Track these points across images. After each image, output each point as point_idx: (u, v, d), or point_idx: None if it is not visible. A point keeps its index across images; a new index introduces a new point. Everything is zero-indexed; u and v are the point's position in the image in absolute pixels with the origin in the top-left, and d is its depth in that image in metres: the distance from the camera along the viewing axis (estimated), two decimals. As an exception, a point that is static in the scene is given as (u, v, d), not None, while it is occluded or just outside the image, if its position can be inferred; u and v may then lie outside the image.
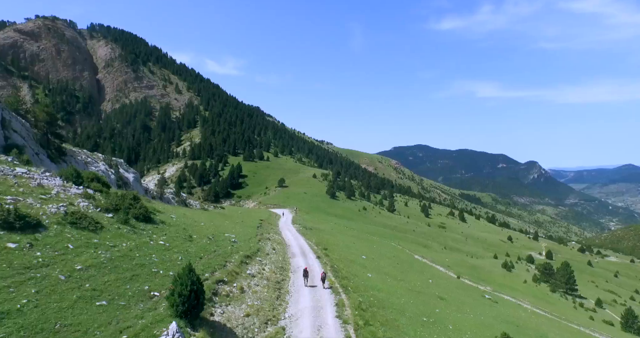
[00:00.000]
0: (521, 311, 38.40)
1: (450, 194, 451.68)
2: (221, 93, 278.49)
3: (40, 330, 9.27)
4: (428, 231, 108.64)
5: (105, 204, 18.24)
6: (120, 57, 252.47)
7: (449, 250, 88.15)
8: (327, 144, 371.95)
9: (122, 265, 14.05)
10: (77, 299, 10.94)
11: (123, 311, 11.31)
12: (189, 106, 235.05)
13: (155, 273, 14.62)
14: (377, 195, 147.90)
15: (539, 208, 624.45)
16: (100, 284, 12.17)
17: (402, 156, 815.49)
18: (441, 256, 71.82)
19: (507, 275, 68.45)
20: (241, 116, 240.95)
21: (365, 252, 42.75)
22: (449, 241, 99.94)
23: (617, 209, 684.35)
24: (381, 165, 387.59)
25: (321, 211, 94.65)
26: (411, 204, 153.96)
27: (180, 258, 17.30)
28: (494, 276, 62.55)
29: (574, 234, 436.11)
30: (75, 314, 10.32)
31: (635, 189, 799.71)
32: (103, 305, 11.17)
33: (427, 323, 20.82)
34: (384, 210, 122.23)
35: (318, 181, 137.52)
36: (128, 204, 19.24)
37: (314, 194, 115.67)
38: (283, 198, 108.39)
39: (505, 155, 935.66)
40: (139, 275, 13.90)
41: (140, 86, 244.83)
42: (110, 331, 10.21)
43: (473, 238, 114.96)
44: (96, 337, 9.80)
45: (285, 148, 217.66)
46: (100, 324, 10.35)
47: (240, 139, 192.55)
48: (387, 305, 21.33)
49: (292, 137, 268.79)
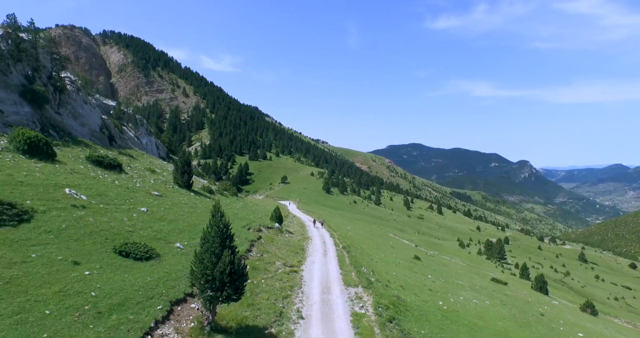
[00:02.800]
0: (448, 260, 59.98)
1: (442, 192, 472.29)
2: (224, 96, 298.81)
3: (192, 225, 30.62)
4: (407, 220, 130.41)
5: (220, 187, 39.63)
6: (132, 63, 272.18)
7: (420, 234, 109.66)
8: (322, 143, 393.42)
9: (239, 208, 35.47)
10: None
11: (251, 218, 32.63)
12: (196, 109, 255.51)
13: (254, 211, 36.07)
14: (367, 191, 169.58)
15: (528, 207, 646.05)
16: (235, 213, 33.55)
17: (396, 154, 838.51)
18: (411, 237, 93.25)
19: (458, 249, 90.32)
20: (244, 118, 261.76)
21: (350, 226, 64.30)
22: (423, 229, 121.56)
23: (604, 208, 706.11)
24: (375, 164, 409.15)
25: (318, 204, 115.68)
26: (396, 199, 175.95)
27: (254, 210, 38.72)
28: (446, 249, 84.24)
29: (559, 231, 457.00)
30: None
31: (622, 188, 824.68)
32: (242, 218, 32.50)
33: (378, 251, 42.24)
34: (371, 203, 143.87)
35: (315, 178, 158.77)
36: (228, 187, 40.64)
37: (312, 190, 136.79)
38: (286, 193, 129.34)
39: (498, 154, 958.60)
40: (249, 211, 35.30)
41: (151, 90, 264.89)
42: (244, 226, 31.56)
43: (445, 227, 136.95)
44: (239, 222, 31.12)
45: (285, 148, 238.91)
46: (238, 225, 31.71)
47: (245, 140, 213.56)
48: (356, 241, 42.74)
49: (290, 138, 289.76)
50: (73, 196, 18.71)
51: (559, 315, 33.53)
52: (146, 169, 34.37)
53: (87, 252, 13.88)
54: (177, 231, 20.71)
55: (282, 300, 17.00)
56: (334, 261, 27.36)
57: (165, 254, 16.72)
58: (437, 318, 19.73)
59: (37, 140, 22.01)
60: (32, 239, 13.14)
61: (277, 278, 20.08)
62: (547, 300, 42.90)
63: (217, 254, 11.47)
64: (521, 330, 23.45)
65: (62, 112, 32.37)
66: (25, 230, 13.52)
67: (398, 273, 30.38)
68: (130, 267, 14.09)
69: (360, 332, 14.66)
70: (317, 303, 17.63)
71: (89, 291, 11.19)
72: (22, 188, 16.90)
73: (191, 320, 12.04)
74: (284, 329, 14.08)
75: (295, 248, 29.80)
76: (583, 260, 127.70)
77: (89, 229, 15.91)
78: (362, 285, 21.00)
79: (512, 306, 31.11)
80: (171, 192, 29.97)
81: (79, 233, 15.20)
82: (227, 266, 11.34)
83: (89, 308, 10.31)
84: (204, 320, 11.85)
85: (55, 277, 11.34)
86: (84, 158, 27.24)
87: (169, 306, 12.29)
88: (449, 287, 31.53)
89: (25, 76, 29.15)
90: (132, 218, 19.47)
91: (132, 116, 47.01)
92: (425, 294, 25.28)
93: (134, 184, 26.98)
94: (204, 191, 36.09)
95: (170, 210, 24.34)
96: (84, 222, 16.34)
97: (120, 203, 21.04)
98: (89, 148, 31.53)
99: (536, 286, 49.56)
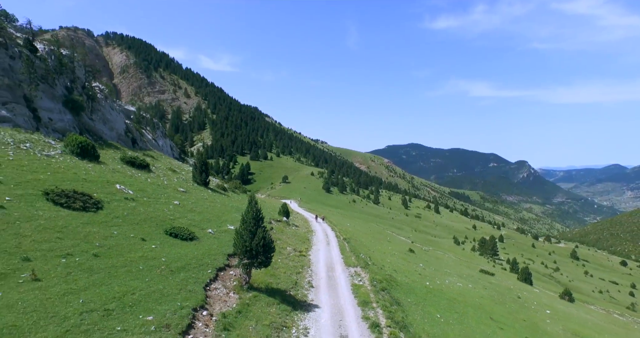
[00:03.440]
0: (442, 254, 64.15)
1: (440, 192, 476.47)
2: (225, 97, 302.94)
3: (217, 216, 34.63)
4: (405, 219, 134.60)
5: (231, 185, 43.74)
6: (135, 64, 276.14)
7: (417, 232, 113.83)
8: (322, 144, 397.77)
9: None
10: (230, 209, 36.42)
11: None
12: (198, 110, 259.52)
13: (263, 207, 40.22)
14: (366, 190, 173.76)
15: (526, 206, 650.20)
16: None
17: (395, 154, 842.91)
18: (408, 234, 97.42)
19: (453, 246, 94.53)
20: (245, 119, 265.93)
21: (349, 223, 68.42)
22: (420, 227, 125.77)
23: (602, 208, 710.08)
24: (374, 164, 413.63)
25: (319, 203, 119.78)
26: (394, 198, 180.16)
27: (263, 206, 42.82)
28: (441, 246, 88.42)
29: (557, 231, 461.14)
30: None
31: (620, 188, 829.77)
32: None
33: (375, 244, 46.34)
34: (370, 202, 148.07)
35: (315, 178, 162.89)
36: (238, 186, 44.75)
37: (312, 189, 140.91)
38: (287, 192, 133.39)
39: (497, 154, 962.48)
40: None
41: (153, 91, 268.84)
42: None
43: (442, 225, 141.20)
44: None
45: (285, 148, 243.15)
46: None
47: (246, 141, 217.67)
48: (355, 235, 46.84)
49: (290, 138, 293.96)
50: (123, 191, 22.84)
51: (535, 299, 37.71)
52: (168, 169, 38.47)
53: (147, 233, 18.01)
54: (206, 221, 24.83)
55: (296, 275, 21.13)
56: (336, 249, 31.50)
57: (201, 237, 20.85)
58: (422, 292, 23.89)
59: (87, 144, 26.11)
60: (109, 221, 17.28)
61: (290, 259, 24.21)
62: (530, 289, 47.06)
63: (253, 231, 15.60)
64: (496, 306, 27.62)
65: (94, 118, 36.47)
66: (102, 215, 17.66)
67: (392, 261, 34.50)
68: (180, 245, 18.21)
69: (359, 296, 18.78)
70: (324, 278, 21.78)
71: (160, 258, 15.33)
72: (87, 183, 21.03)
73: (233, 281, 16.18)
74: (299, 293, 18.21)
75: (302, 238, 33.92)
76: (575, 258, 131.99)
77: (142, 216, 20.02)
78: (360, 266, 25.15)
79: (493, 290, 35.25)
80: (193, 189, 34.09)
81: (137, 219, 19.33)
82: (260, 240, 15.48)
83: (164, 268, 14.44)
84: (242, 281, 15.98)
85: (135, 247, 15.49)
86: (119, 159, 31.35)
87: (215, 271, 16.41)
88: (437, 274, 35.67)
89: (66, 87, 33.27)
90: (170, 209, 23.60)
91: (150, 120, 51.11)
92: (414, 277, 29.41)
93: (162, 182, 31.09)
94: (219, 189, 40.18)
95: (197, 204, 28.45)
96: (137, 211, 20.46)
97: (157, 197, 25.15)
98: (118, 150, 35.63)
99: (521, 278, 53.77)
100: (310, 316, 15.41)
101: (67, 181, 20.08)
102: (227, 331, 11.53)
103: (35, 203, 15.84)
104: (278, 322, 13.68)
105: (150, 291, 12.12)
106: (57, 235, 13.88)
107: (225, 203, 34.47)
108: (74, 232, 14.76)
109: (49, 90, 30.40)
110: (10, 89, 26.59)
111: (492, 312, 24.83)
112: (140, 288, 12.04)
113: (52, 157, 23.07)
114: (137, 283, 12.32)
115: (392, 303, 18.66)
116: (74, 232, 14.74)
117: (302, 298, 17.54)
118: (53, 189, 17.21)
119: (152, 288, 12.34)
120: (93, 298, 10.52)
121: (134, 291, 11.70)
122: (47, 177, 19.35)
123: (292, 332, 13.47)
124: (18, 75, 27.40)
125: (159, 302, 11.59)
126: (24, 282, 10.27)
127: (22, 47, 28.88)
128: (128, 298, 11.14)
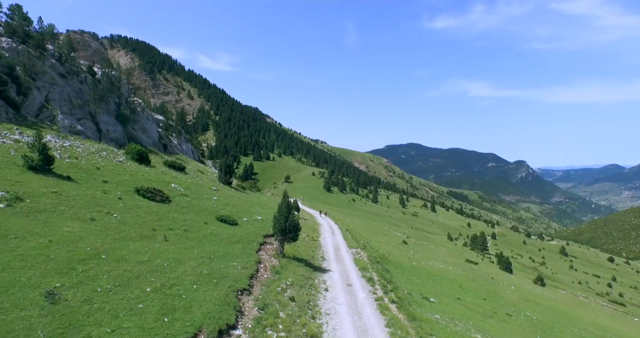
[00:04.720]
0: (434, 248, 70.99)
1: (438, 191, 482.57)
2: (227, 98, 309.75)
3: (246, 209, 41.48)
4: (402, 217, 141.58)
5: (248, 185, 50.59)
6: (139, 66, 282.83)
7: (413, 229, 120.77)
8: (321, 143, 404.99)
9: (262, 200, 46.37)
10: (254, 204, 43.26)
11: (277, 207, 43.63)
12: (201, 111, 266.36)
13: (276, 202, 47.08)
14: (365, 190, 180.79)
15: (525, 206, 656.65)
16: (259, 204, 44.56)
17: (394, 154, 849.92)
18: (404, 231, 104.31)
19: (446, 241, 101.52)
20: (247, 120, 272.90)
21: (349, 219, 75.30)
22: (416, 224, 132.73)
23: (600, 207, 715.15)
24: (373, 163, 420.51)
25: (320, 201, 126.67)
26: (392, 197, 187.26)
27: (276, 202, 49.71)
28: (435, 241, 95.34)
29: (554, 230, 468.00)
30: (254, 207, 42.69)
31: (618, 188, 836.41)
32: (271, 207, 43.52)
33: (373, 236, 53.18)
34: (369, 201, 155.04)
35: (316, 178, 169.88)
36: (253, 185, 51.59)
37: (313, 188, 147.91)
38: (290, 191, 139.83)
39: (495, 154, 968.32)
40: (274, 203, 46.30)
41: (157, 93, 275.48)
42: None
43: (437, 223, 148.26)
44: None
45: (287, 149, 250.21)
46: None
47: (249, 141, 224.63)
48: (355, 228, 53.67)
49: (291, 139, 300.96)
50: (177, 189, 29.72)
51: (507, 281, 44.66)
52: (197, 170, 45.35)
53: (206, 219, 24.88)
54: (240, 212, 31.73)
55: (311, 252, 28.04)
56: (340, 236, 38.43)
57: (241, 223, 27.71)
58: (408, 267, 30.84)
59: (143, 152, 32.98)
60: (178, 210, 24.16)
61: (305, 242, 31.12)
62: (507, 275, 54.00)
63: (286, 216, 22.49)
64: (468, 281, 34.57)
65: (135, 128, 43.33)
66: (173, 206, 24.55)
67: (387, 249, 41.42)
68: (229, 227, 25.08)
69: (359, 265, 25.68)
70: (332, 255, 28.71)
71: (222, 234, 22.21)
72: (153, 183, 27.90)
73: (271, 251, 23.08)
74: (316, 262, 25.12)
75: (311, 229, 40.82)
76: (564, 254, 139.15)
77: (197, 208, 26.89)
78: (360, 247, 32.11)
79: (471, 273, 42.20)
80: (221, 188, 40.97)
81: (195, 209, 26.20)
82: (292, 222, 22.37)
83: (228, 240, 21.33)
84: (278, 251, 22.87)
85: (203, 227, 22.37)
86: (162, 163, 38.22)
87: (258, 244, 23.25)
88: (423, 259, 42.64)
89: (115, 102, 40.14)
90: (213, 202, 30.49)
91: (175, 127, 57.95)
92: (404, 259, 36.37)
93: (197, 181, 37.96)
94: (239, 188, 47.06)
95: (229, 200, 35.35)
96: (192, 204, 27.33)
97: (201, 194, 32.04)
98: (157, 155, 42.51)
99: (502, 267, 60.71)
100: (325, 274, 22.34)
101: (141, 181, 26.97)
102: (278, 274, 18.46)
103: (134, 196, 22.73)
104: (306, 275, 20.62)
105: (227, 252, 19.00)
106: (157, 217, 20.79)
107: (248, 200, 41.32)
108: (165, 216, 21.66)
109: (105, 106, 37.21)
110: (81, 108, 33.43)
111: (462, 283, 31.78)
112: (221, 250, 18.93)
113: (123, 162, 29.95)
114: (217, 247, 19.21)
115: (383, 270, 25.60)
116: (165, 216, 21.64)
117: (319, 265, 24.49)
118: (141, 187, 24.11)
119: (227, 250, 19.23)
120: (200, 252, 17.39)
121: (218, 251, 18.59)
122: (129, 178, 26.24)
123: (315, 281, 20.40)
124: (86, 96, 34.24)
125: (235, 256, 18.48)
126: (162, 241, 17.15)
127: (86, 72, 35.71)
128: (217, 254, 18.02)
